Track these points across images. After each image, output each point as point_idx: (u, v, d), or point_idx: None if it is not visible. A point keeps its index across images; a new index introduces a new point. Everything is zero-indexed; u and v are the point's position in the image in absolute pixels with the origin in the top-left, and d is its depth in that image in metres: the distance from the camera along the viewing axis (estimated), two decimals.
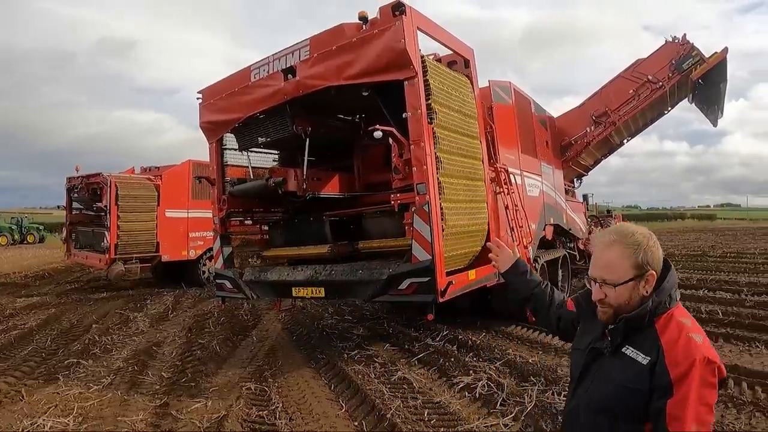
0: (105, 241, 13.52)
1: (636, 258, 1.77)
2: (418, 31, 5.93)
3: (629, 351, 1.77)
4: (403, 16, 5.67)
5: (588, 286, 1.96)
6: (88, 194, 14.69)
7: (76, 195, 15.42)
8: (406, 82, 5.81)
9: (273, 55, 6.89)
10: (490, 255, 2.70)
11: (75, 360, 7.39)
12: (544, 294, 2.48)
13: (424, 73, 5.92)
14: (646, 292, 1.79)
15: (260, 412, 5.36)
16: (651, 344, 1.72)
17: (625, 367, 1.75)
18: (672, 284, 1.82)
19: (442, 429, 4.80)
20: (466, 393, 5.68)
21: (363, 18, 5.97)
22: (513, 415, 4.99)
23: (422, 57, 6.01)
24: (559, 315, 2.38)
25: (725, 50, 13.31)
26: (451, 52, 7.12)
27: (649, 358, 1.70)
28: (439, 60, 7.03)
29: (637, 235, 1.81)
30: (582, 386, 1.93)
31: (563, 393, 5.39)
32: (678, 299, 1.84)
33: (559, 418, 4.81)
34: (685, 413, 1.57)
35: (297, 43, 6.62)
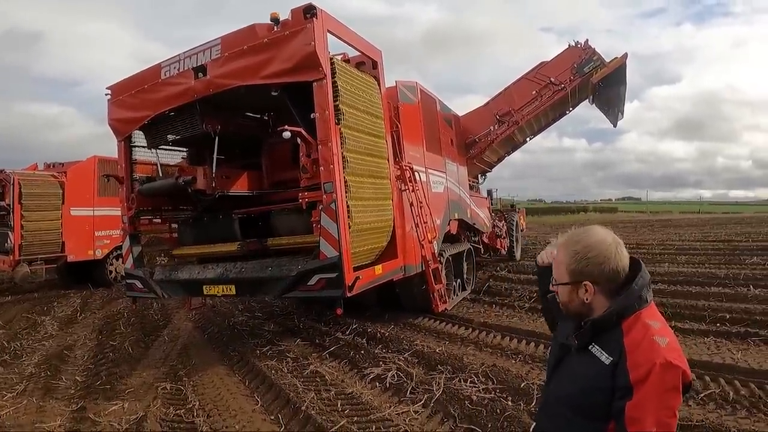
0: (9, 241, 12.88)
1: (570, 266, 1.82)
2: (328, 34, 6.06)
3: (594, 349, 1.77)
4: (314, 18, 5.79)
5: None
6: None
7: None
8: (314, 84, 5.94)
9: (184, 52, 6.83)
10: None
11: None
12: None
13: (333, 75, 6.05)
14: (587, 299, 1.82)
15: (178, 411, 5.36)
16: (615, 345, 1.72)
17: (589, 364, 1.76)
18: (642, 286, 1.80)
19: (355, 418, 4.94)
20: (377, 383, 5.86)
21: (275, 19, 6.02)
22: (422, 402, 5.21)
23: (331, 59, 6.14)
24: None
25: (625, 55, 14.15)
26: (360, 53, 7.27)
27: (612, 358, 1.70)
28: (347, 61, 7.17)
29: (578, 245, 1.83)
30: (554, 379, 1.98)
31: (469, 380, 5.72)
32: (650, 300, 1.82)
33: (467, 403, 5.11)
34: (644, 416, 1.57)
35: (208, 42, 6.60)
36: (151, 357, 7.56)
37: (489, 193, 16.76)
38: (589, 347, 1.79)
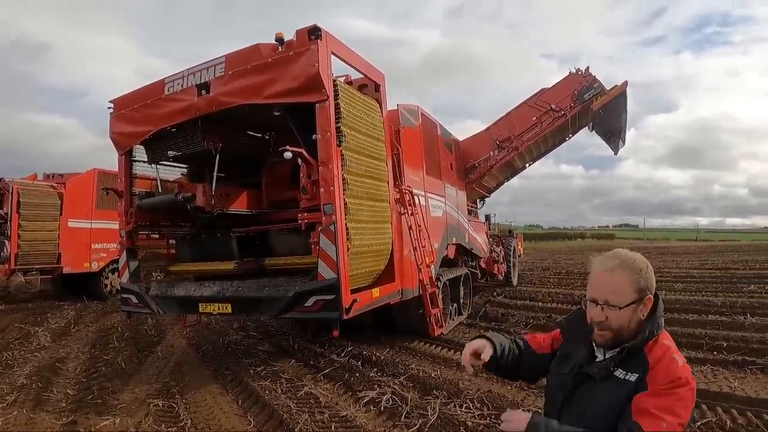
0: (5, 250, 12.90)
1: (638, 283, 1.87)
2: (332, 56, 6.11)
3: (619, 373, 1.84)
4: (319, 40, 5.85)
5: (584, 308, 2.00)
6: None
7: None
8: (317, 105, 5.97)
9: (188, 69, 6.88)
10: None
11: None
12: (510, 356, 2.30)
13: (336, 96, 6.08)
14: (643, 315, 1.89)
15: (169, 429, 5.31)
16: (639, 363, 1.82)
17: (616, 389, 1.82)
18: (661, 311, 1.93)
19: None
20: (372, 407, 5.79)
21: (279, 39, 6.07)
22: (417, 427, 5.14)
23: (334, 81, 6.17)
24: (530, 363, 2.31)
25: (625, 83, 14.25)
26: (363, 76, 7.29)
27: (637, 375, 1.79)
28: (350, 83, 7.20)
29: (638, 262, 1.90)
30: (568, 411, 1.94)
31: (464, 405, 5.64)
32: (663, 325, 1.93)
33: (462, 429, 5.04)
34: (651, 410, 1.67)
35: (212, 60, 6.65)
36: (144, 373, 7.49)
37: (487, 218, 16.75)
38: (615, 373, 1.87)
